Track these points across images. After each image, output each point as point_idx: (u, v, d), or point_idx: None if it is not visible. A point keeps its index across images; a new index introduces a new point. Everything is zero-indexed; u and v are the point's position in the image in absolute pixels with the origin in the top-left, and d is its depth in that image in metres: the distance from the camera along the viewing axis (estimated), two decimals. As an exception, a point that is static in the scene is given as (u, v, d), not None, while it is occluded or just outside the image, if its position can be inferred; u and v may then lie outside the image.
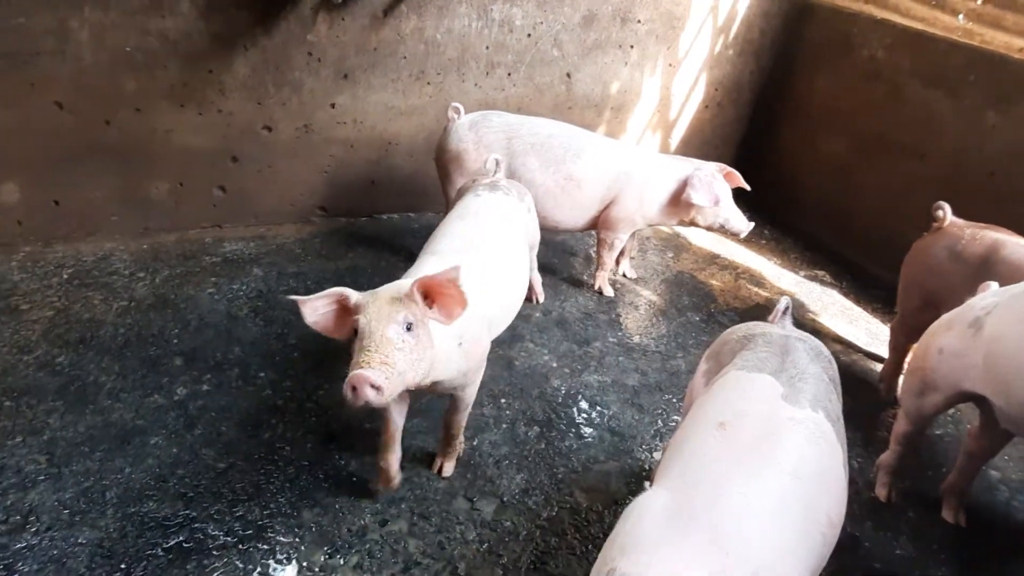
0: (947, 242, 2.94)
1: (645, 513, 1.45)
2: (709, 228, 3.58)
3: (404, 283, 2.03)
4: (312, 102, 3.78)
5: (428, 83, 3.98)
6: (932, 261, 2.98)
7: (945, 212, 3.01)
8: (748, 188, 3.60)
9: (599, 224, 3.57)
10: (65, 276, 3.41)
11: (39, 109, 3.33)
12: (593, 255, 4.23)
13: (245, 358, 3.03)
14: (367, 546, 2.29)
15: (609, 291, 3.80)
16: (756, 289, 4.09)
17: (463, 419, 2.49)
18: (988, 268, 2.73)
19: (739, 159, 5.08)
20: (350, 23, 3.66)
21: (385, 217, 4.33)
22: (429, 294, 1.98)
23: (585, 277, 3.95)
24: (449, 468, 2.57)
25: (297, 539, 2.28)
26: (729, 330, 2.18)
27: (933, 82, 3.98)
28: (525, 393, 3.03)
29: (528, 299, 3.50)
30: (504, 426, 2.85)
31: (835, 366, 2.05)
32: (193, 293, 3.41)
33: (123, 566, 2.12)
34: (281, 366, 3.02)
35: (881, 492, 2.71)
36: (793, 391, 1.75)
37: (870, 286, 4.22)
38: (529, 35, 4.07)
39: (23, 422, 2.58)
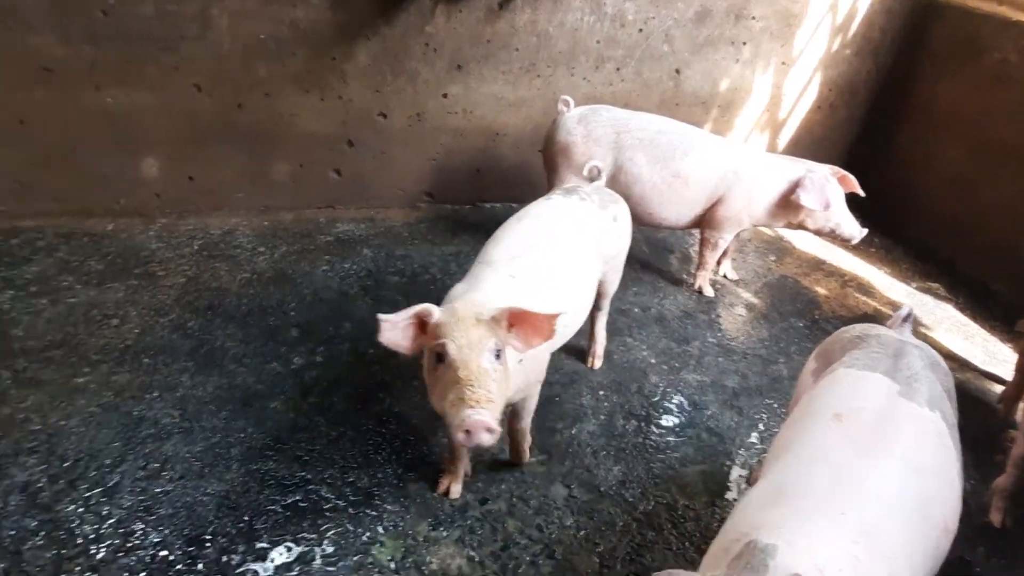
0: None
1: (767, 496, 1.47)
2: (818, 232, 3.49)
3: (485, 302, 1.98)
4: (426, 91, 3.90)
5: (538, 76, 4.03)
6: None
7: None
8: (862, 194, 3.48)
9: (704, 223, 3.54)
10: (195, 247, 3.67)
11: (180, 91, 3.58)
12: (692, 253, 4.20)
13: (355, 334, 3.18)
14: (468, 522, 2.37)
15: (709, 291, 3.76)
16: (864, 298, 3.95)
17: (526, 426, 2.48)
18: None
19: (850, 162, 4.88)
20: (467, 15, 3.76)
21: (488, 206, 4.43)
22: (514, 320, 1.93)
23: (684, 276, 3.93)
24: (524, 457, 2.58)
25: (403, 509, 2.39)
26: (842, 329, 2.14)
27: (1075, 89, 3.73)
28: (623, 387, 3.05)
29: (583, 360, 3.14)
30: (602, 417, 2.88)
31: (951, 379, 1.97)
32: (308, 269, 3.60)
33: (246, 518, 2.29)
34: (390, 344, 3.14)
35: (995, 517, 2.59)
36: (910, 389, 1.72)
37: (989, 302, 4.01)
38: (640, 30, 4.06)
39: (160, 379, 2.81)
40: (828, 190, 3.34)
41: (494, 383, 1.83)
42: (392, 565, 2.20)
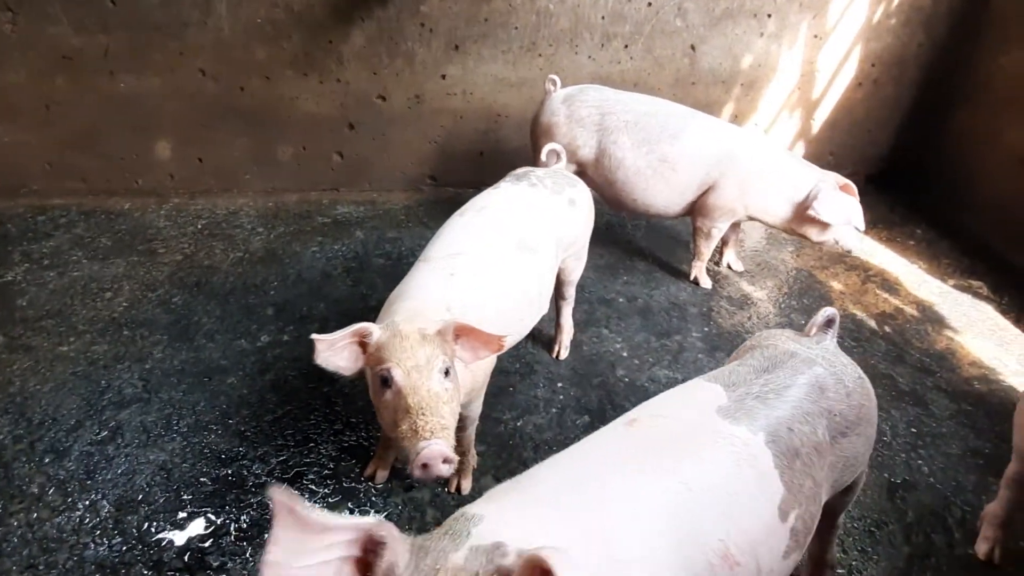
0: None
1: (501, 489, 1.35)
2: (819, 242, 3.23)
3: (426, 311, 1.91)
4: (423, 73, 3.87)
5: (539, 55, 3.90)
6: None
7: None
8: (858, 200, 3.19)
9: (695, 211, 3.32)
10: (199, 226, 3.83)
11: (187, 75, 3.74)
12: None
13: (327, 314, 3.22)
14: (388, 509, 2.36)
15: (706, 282, 3.53)
16: (886, 295, 3.58)
17: (471, 434, 2.36)
18: None
19: (897, 146, 4.46)
20: (462, -7, 3.69)
21: (492, 189, 4.35)
22: (460, 332, 1.83)
23: (684, 266, 3.70)
24: (466, 485, 2.42)
25: (327, 490, 2.41)
26: (757, 334, 1.92)
27: None
28: (585, 380, 2.93)
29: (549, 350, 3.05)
30: (554, 411, 2.78)
31: (859, 404, 1.66)
32: (299, 250, 3.68)
33: (175, 487, 2.38)
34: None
35: (981, 548, 2.29)
36: (737, 407, 1.52)
37: (1042, 304, 3.54)
38: (649, 4, 3.83)
39: (134, 350, 2.96)
40: (845, 203, 3.08)
41: (446, 406, 1.73)
42: (300, 545, 2.22)
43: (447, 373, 1.78)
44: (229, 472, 2.45)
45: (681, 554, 1.27)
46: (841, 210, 3.08)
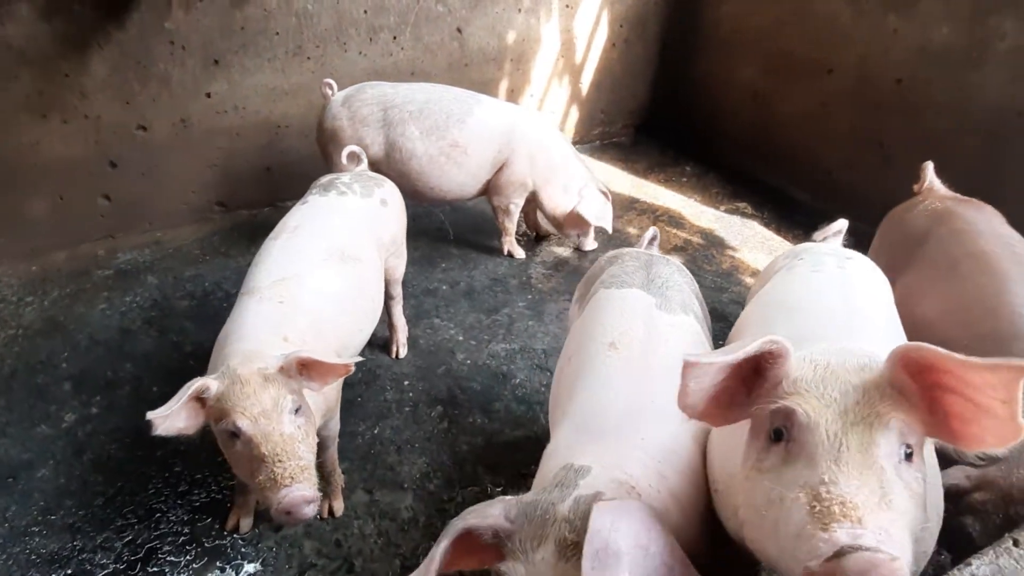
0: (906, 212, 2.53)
1: (575, 435, 1.50)
2: (565, 235, 3.75)
3: (264, 350, 1.81)
4: (184, 94, 3.58)
5: (308, 58, 3.78)
6: (892, 233, 2.56)
7: (925, 174, 2.59)
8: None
9: (490, 191, 3.45)
10: (-51, 310, 3.28)
11: None
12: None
13: (137, 373, 2.93)
14: (262, 555, 2.24)
15: (519, 253, 3.70)
16: (675, 231, 4.00)
17: (334, 453, 2.32)
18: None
19: (656, 96, 4.93)
20: (209, 4, 3.45)
21: (289, 204, 4.14)
22: (304, 364, 1.74)
23: (495, 242, 3.84)
24: (338, 507, 2.35)
25: (189, 557, 2.23)
26: (597, 260, 2.23)
27: (833, -10, 3.84)
28: (429, 372, 2.96)
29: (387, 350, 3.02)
30: (407, 409, 2.79)
31: (694, 283, 2.11)
32: (83, 312, 3.28)
33: (5, 609, 2.07)
34: (176, 377, 2.83)
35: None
36: (664, 300, 1.84)
37: (792, 212, 4.15)
38: (409, -7, 3.87)
39: (-97, 474, 2.49)
40: (604, 206, 3.52)
41: (302, 444, 1.66)
42: (172, 624, 2.05)
43: (298, 411, 1.72)
44: (69, 571, 2.18)
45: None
46: (601, 211, 3.50)
